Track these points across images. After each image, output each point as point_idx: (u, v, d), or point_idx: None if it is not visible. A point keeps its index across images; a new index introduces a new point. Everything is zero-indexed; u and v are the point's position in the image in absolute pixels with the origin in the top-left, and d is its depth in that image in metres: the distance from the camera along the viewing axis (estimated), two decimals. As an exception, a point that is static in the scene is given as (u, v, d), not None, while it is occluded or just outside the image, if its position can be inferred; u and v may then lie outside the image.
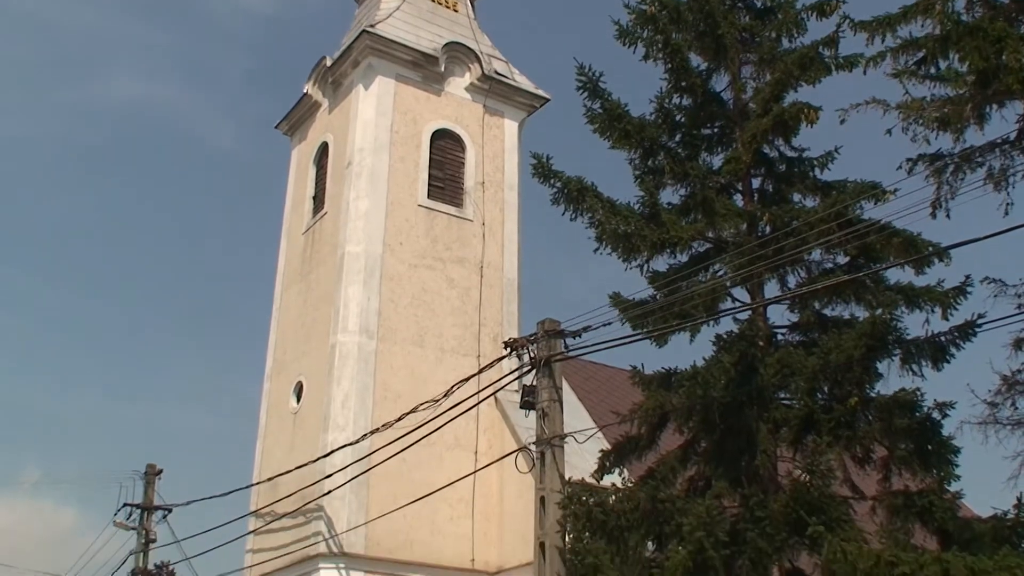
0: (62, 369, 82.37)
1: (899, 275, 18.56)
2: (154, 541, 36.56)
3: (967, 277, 17.99)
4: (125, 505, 36.99)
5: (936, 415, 17.66)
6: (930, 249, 18.01)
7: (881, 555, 15.12)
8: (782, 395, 18.10)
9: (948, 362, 17.70)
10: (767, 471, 17.67)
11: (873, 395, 17.91)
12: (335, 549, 24.99)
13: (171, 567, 34.28)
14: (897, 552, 15.21)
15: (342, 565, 24.97)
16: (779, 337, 19.16)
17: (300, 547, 25.79)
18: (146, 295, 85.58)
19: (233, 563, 29.76)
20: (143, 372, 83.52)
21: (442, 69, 30.18)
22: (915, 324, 24.89)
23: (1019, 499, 16.68)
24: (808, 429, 17.51)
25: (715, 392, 17.27)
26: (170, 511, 36.85)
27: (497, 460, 24.66)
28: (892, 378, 17.85)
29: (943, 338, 17.65)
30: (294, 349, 29.06)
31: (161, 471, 37.91)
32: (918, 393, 17.52)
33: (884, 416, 17.67)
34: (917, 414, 17.62)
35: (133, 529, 36.72)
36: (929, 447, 17.77)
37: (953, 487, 17.68)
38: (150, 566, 35.09)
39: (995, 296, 18.01)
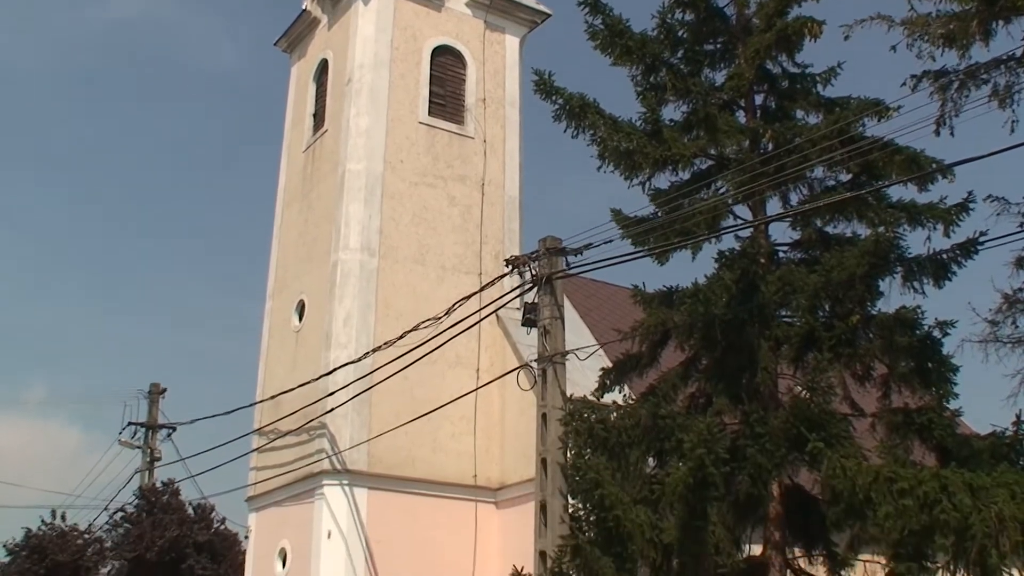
0: (64, 290, 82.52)
1: (902, 192, 18.48)
2: (159, 459, 36.94)
3: (970, 194, 17.89)
4: (130, 424, 37.37)
5: (937, 333, 17.67)
6: (933, 166, 17.89)
7: (880, 471, 15.22)
8: (783, 312, 18.10)
9: (949, 280, 17.66)
10: (767, 388, 17.73)
11: (874, 313, 17.91)
12: (338, 466, 25.21)
13: (176, 485, 34.55)
14: (896, 468, 15.30)
15: (345, 482, 25.21)
16: (781, 254, 19.11)
17: (303, 464, 26.03)
18: (147, 216, 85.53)
19: (237, 481, 30.15)
20: (144, 293, 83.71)
21: (442, -16, 29.86)
22: (917, 242, 24.88)
23: (1018, 417, 16.75)
24: (809, 346, 17.55)
25: (716, 309, 17.27)
26: (174, 429, 37.22)
27: (499, 377, 24.77)
28: (893, 296, 17.85)
29: (945, 256, 17.59)
30: (295, 268, 29.07)
31: (165, 390, 38.22)
32: (919, 311, 17.52)
33: (885, 334, 17.69)
34: (918, 332, 17.63)
35: (138, 448, 37.07)
36: (929, 365, 17.81)
37: (952, 405, 17.75)
38: (155, 484, 35.47)
39: (998, 214, 17.93)
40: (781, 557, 18.21)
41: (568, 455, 17.67)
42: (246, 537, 29.96)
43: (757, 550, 18.51)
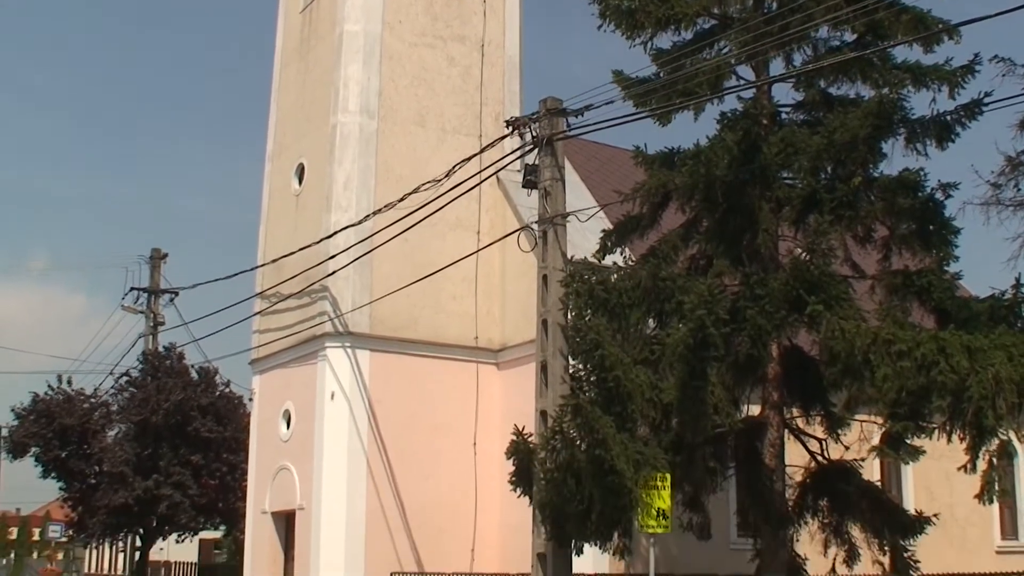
0: (63, 156, 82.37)
1: (907, 53, 18.25)
2: (162, 324, 37.20)
3: (976, 56, 17.68)
4: (132, 289, 37.54)
5: (938, 195, 17.66)
6: (939, 26, 17.63)
7: (879, 333, 15.34)
8: (785, 174, 18.03)
9: (953, 142, 17.57)
10: (768, 250, 17.75)
11: (876, 175, 17.85)
12: (340, 328, 25.37)
13: (179, 349, 34.86)
14: (895, 330, 15.42)
15: (347, 344, 25.40)
16: (783, 116, 18.97)
17: (306, 327, 26.21)
18: (145, 80, 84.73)
19: (240, 345, 30.31)
20: (143, 158, 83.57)
21: None
22: (921, 103, 24.70)
23: (1017, 279, 16.84)
24: (810, 208, 17.51)
25: (718, 171, 17.17)
26: (176, 294, 37.41)
27: (499, 239, 24.76)
28: (896, 158, 17.78)
29: (949, 117, 17.47)
30: (294, 131, 28.83)
31: (166, 255, 38.31)
32: (921, 173, 17.48)
33: (887, 196, 17.67)
34: (920, 194, 17.61)
35: (141, 312, 37.30)
36: (930, 227, 17.83)
37: (952, 267, 17.83)
38: (159, 348, 35.77)
39: (1003, 75, 17.75)
40: (779, 417, 18.46)
41: (569, 316, 17.76)
42: (250, 399, 30.33)
43: (755, 410, 18.76)
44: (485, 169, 21.46)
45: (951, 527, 25.00)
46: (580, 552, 18.16)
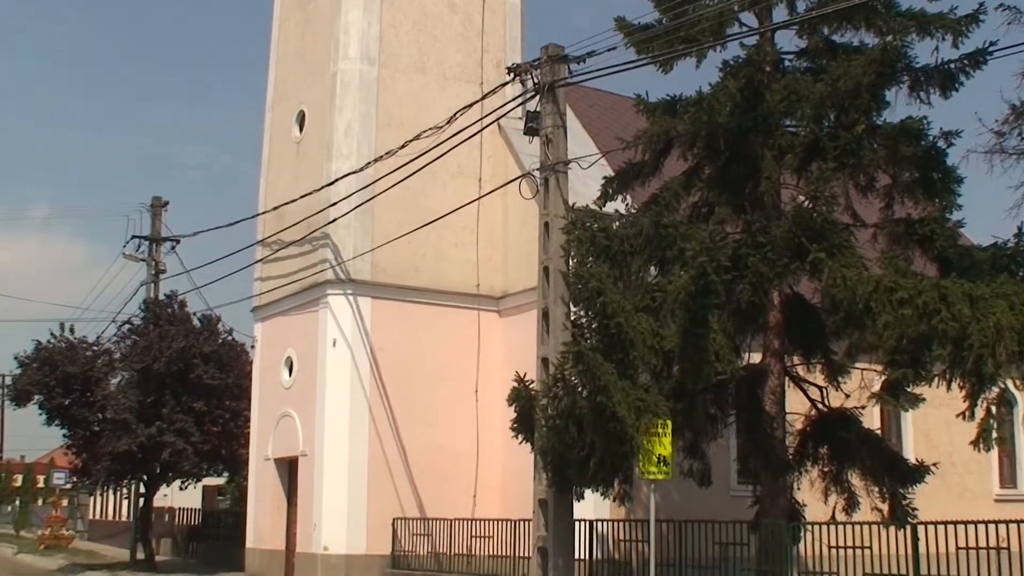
0: (62, 105, 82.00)
1: (911, 1, 18.12)
2: (164, 272, 37.21)
3: (981, 4, 17.50)
4: (134, 237, 37.52)
5: (941, 144, 17.59)
6: (945, -27, 17.51)
7: (880, 281, 15.34)
8: (788, 122, 17.96)
9: (956, 90, 17.47)
10: (770, 197, 17.72)
11: (879, 123, 17.77)
12: (342, 276, 25.40)
13: (181, 297, 34.88)
14: (896, 278, 15.42)
15: (349, 291, 25.45)
16: (786, 63, 18.84)
17: (307, 275, 26.26)
18: (144, 30, 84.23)
19: (242, 293, 30.35)
20: (142, 107, 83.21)
21: None
22: (925, 52, 24.52)
23: (1019, 228, 16.79)
24: (813, 156, 17.46)
25: (720, 118, 17.11)
26: (178, 242, 37.39)
27: (501, 187, 24.75)
28: (899, 106, 17.69)
29: (953, 66, 17.35)
30: (295, 78, 28.70)
31: (167, 203, 38.23)
32: (925, 121, 17.39)
33: (890, 144, 17.60)
34: (923, 142, 17.54)
35: (142, 260, 37.29)
36: (933, 175, 17.78)
37: (955, 216, 17.78)
38: (161, 296, 35.78)
39: (1008, 24, 17.63)
40: (780, 364, 18.51)
41: (570, 263, 17.77)
42: (252, 347, 30.42)
43: (756, 358, 18.80)
44: (486, 116, 21.39)
45: (950, 475, 25.15)
46: (581, 498, 18.31)
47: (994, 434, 15.24)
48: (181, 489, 37.34)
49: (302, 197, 25.41)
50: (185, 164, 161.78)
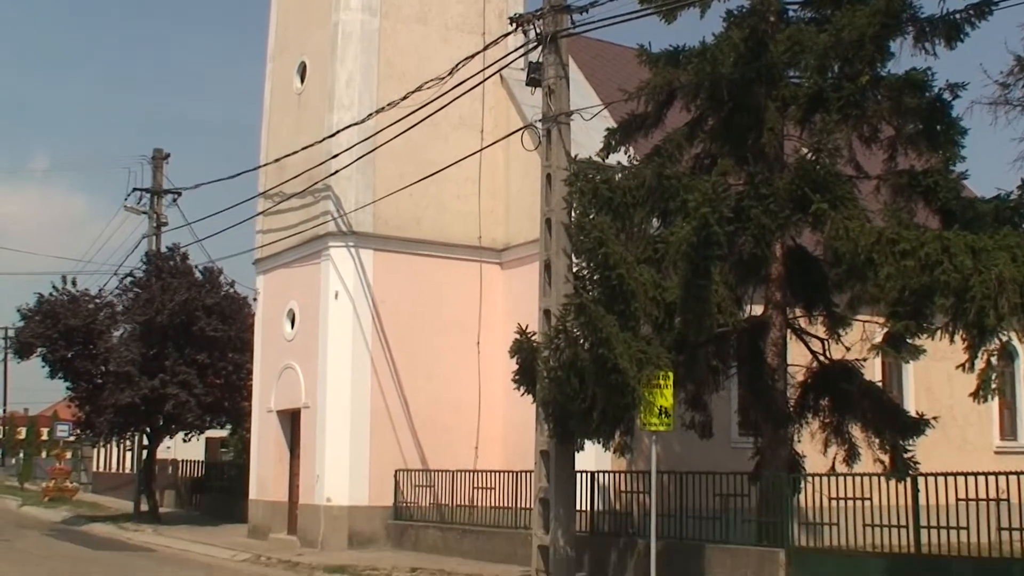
0: (60, 57, 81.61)
1: (917, -50, 17.94)
2: (165, 224, 37.20)
3: (987, -48, 17.38)
4: (135, 190, 37.48)
5: (946, 95, 17.45)
6: (951, -79, 17.34)
7: (883, 232, 15.28)
8: (791, 73, 17.83)
9: (962, 41, 17.30)
10: (773, 149, 17.66)
11: (884, 74, 17.64)
12: (343, 228, 25.35)
13: (183, 249, 34.90)
14: (899, 230, 15.36)
15: (351, 243, 25.41)
16: (790, 13, 18.67)
17: (309, 227, 26.19)
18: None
19: (244, 245, 30.34)
20: (141, 59, 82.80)
21: None
22: (930, 2, 24.28)
23: (1023, 180, 16.72)
24: (816, 107, 17.37)
25: (723, 69, 17.02)
26: (179, 194, 37.35)
27: (503, 138, 24.65)
28: (904, 57, 17.62)
29: (958, 16, 17.18)
30: (296, 29, 28.52)
31: (168, 155, 38.16)
32: (929, 73, 17.27)
33: (894, 95, 17.49)
34: (927, 94, 17.43)
35: (143, 213, 37.28)
36: (937, 127, 17.67)
37: (958, 168, 17.68)
38: (163, 249, 35.77)
39: (1015, -27, 17.43)
40: (782, 316, 18.51)
41: (572, 215, 17.71)
42: (255, 299, 30.43)
43: (758, 310, 18.80)
44: (488, 67, 21.28)
45: (951, 427, 25.21)
46: (582, 449, 18.36)
47: (993, 385, 15.23)
48: (184, 441, 37.49)
49: (303, 149, 25.34)
50: (186, 117, 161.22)
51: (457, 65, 20.55)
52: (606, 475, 21.30)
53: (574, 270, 17.77)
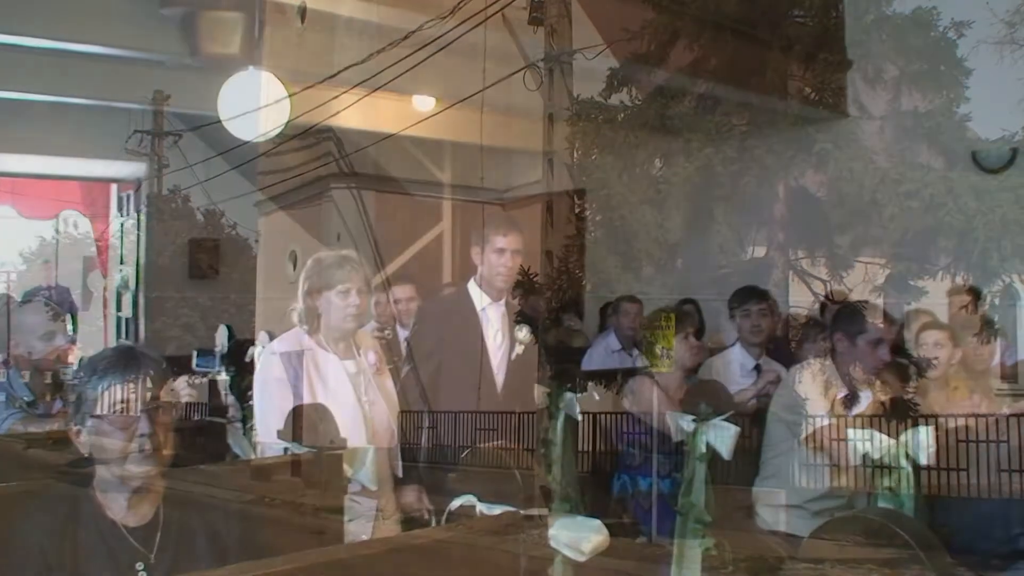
0: None
1: None
2: (166, 167, 37.01)
3: None
4: (136, 132, 37.23)
5: (951, 35, 17.33)
6: None
7: (887, 173, 15.25)
8: (796, 12, 17.69)
9: (969, -23, 17.21)
10: (777, 89, 17.55)
11: (889, 13, 17.52)
12: (345, 169, 25.24)
13: (184, 191, 34.77)
14: (903, 170, 15.33)
15: (353, 185, 25.30)
16: (796, -49, 18.55)
17: (310, 168, 26.06)
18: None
19: (245, 187, 30.19)
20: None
21: None
22: (937, -62, 24.01)
23: (1028, 118, 16.64)
24: (821, 47, 17.25)
25: (728, 8, 16.91)
26: (180, 136, 37.10)
27: (505, 78, 24.43)
28: (910, -6, 17.43)
29: (965, -48, 17.09)
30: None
31: (169, 96, 37.86)
32: (934, 12, 17.14)
33: (898, 35, 17.37)
34: (932, 33, 17.30)
35: (145, 155, 37.08)
36: (942, 67, 17.55)
37: (963, 109, 17.59)
38: (164, 191, 35.66)
39: (1026, -95, 17.25)
40: (784, 258, 18.48)
41: (575, 155, 17.66)
42: (256, 241, 30.37)
43: (761, 252, 18.78)
44: (490, 5, 21.09)
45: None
46: (584, 391, 18.39)
47: (995, 326, 15.25)
48: (188, 384, 37.52)
49: (304, 89, 25.16)
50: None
51: (459, 3, 20.40)
52: (608, 416, 21.34)
53: (576, 211, 17.75)
